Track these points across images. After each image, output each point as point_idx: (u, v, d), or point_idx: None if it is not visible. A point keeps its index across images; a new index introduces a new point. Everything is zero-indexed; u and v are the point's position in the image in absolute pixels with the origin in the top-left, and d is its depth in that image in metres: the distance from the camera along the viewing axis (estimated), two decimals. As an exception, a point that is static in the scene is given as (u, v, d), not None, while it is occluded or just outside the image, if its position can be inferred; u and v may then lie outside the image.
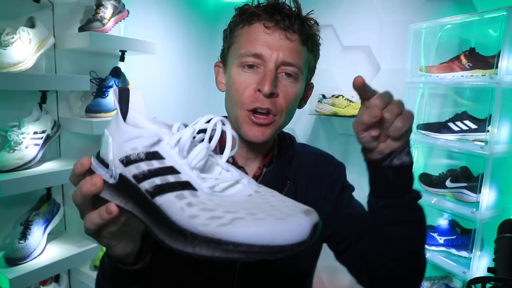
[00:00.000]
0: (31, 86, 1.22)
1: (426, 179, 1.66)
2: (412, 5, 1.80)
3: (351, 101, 1.91)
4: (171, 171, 0.38)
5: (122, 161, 0.40)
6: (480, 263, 1.44)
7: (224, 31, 0.75)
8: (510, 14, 1.29)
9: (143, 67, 1.83)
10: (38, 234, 1.26)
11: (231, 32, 0.72)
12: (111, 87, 1.51)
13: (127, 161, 0.40)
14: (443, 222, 1.60)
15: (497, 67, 1.34)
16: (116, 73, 1.57)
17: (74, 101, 1.54)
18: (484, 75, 1.42)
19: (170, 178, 0.37)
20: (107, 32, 1.44)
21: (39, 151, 1.26)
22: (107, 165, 0.42)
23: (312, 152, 0.84)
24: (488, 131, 1.39)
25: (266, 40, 0.66)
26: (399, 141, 0.53)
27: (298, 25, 0.66)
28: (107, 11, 1.44)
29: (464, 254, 1.50)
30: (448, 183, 1.56)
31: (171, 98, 2.10)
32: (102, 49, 1.49)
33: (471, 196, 1.48)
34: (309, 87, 0.77)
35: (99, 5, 1.44)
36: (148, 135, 0.39)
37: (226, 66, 0.74)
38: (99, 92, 1.50)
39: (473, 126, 1.49)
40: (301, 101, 0.75)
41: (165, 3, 1.99)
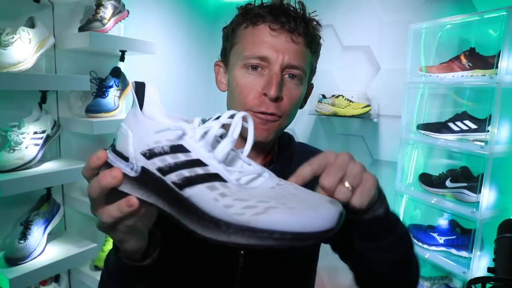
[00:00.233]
0: (31, 86, 1.22)
1: (426, 179, 1.66)
2: (412, 5, 1.80)
3: (351, 101, 1.91)
4: (198, 163, 0.38)
5: (145, 154, 0.40)
6: (480, 263, 1.44)
7: (224, 29, 0.74)
8: (510, 14, 1.29)
9: (143, 67, 1.83)
10: (38, 234, 1.26)
11: (233, 31, 0.71)
12: (111, 87, 1.51)
13: (150, 154, 0.40)
14: (443, 222, 1.60)
15: (497, 67, 1.34)
16: (116, 73, 1.57)
17: (74, 101, 1.54)
18: (484, 75, 1.42)
19: (199, 170, 0.38)
20: (107, 32, 1.44)
21: (39, 151, 1.26)
22: (126, 158, 0.42)
23: (311, 151, 0.84)
24: (488, 131, 1.39)
25: (272, 43, 0.65)
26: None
27: (303, 27, 0.66)
28: (107, 11, 1.44)
29: (464, 254, 1.50)
30: (448, 183, 1.56)
31: (171, 98, 2.10)
32: (102, 49, 1.49)
33: (471, 196, 1.47)
34: (310, 87, 0.77)
35: (99, 5, 1.44)
36: (174, 128, 0.39)
37: (227, 66, 0.73)
38: (99, 92, 1.50)
39: (473, 126, 1.49)
40: (302, 101, 0.75)
41: (165, 3, 1.99)
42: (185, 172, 0.38)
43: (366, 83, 1.97)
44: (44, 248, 1.29)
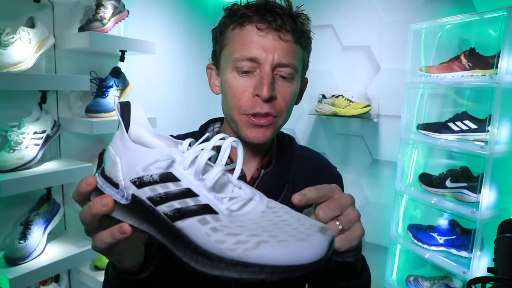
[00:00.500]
0: (31, 86, 1.22)
1: (426, 179, 1.66)
2: (412, 5, 1.80)
3: (351, 101, 1.91)
4: (189, 194, 0.38)
5: (134, 182, 0.40)
6: (480, 263, 1.43)
7: (213, 31, 0.74)
8: (510, 14, 1.29)
9: (143, 67, 1.83)
10: (38, 234, 1.26)
11: (222, 33, 0.70)
12: (111, 87, 1.51)
13: (140, 183, 0.40)
14: (443, 222, 1.60)
15: (497, 67, 1.34)
16: (116, 73, 1.57)
17: (74, 101, 1.54)
18: (484, 75, 1.42)
19: (189, 201, 0.38)
20: (107, 32, 1.45)
21: (39, 151, 1.26)
22: (116, 184, 0.41)
23: (313, 157, 0.83)
24: (488, 131, 1.39)
25: (260, 43, 0.64)
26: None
27: (290, 23, 0.65)
28: (107, 11, 1.44)
29: (464, 254, 1.50)
30: (448, 183, 1.56)
31: (171, 98, 2.10)
32: (102, 49, 1.48)
33: (471, 196, 1.47)
34: (303, 82, 0.76)
35: (99, 5, 1.44)
36: (163, 158, 0.39)
37: (219, 69, 0.73)
38: (99, 92, 1.50)
39: (473, 126, 1.49)
40: (297, 97, 0.75)
41: (165, 3, 1.99)
42: (176, 204, 0.38)
43: (366, 83, 1.97)
44: (44, 248, 1.29)
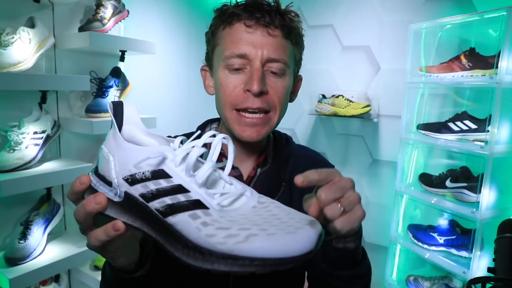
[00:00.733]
0: (31, 86, 1.22)
1: (426, 179, 1.66)
2: (412, 5, 1.80)
3: (351, 101, 1.91)
4: (180, 190, 0.39)
5: (127, 179, 0.41)
6: (480, 263, 1.43)
7: (206, 33, 0.75)
8: (510, 14, 1.29)
9: (143, 67, 1.83)
10: (38, 234, 1.26)
11: (213, 34, 0.72)
12: (111, 87, 1.51)
13: (132, 180, 0.40)
14: (443, 222, 1.60)
15: (497, 67, 1.34)
16: (116, 73, 1.57)
17: (74, 101, 1.54)
18: (484, 75, 1.42)
19: (181, 197, 0.38)
20: (107, 32, 1.45)
21: (39, 151, 1.26)
22: (109, 182, 0.42)
23: (310, 156, 0.83)
24: (488, 131, 1.39)
25: (249, 39, 0.66)
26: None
27: (279, 19, 0.66)
28: (107, 11, 1.44)
29: (464, 254, 1.50)
30: (448, 183, 1.56)
31: (171, 98, 2.10)
32: (102, 49, 1.48)
33: (471, 196, 1.47)
34: (297, 79, 0.77)
35: (99, 5, 1.44)
36: (154, 155, 0.40)
37: (212, 69, 0.74)
38: (99, 92, 1.50)
39: (473, 126, 1.49)
40: (291, 94, 0.75)
41: (165, 3, 1.99)
42: (167, 200, 0.38)
43: (366, 83, 1.97)
44: (44, 248, 1.29)
